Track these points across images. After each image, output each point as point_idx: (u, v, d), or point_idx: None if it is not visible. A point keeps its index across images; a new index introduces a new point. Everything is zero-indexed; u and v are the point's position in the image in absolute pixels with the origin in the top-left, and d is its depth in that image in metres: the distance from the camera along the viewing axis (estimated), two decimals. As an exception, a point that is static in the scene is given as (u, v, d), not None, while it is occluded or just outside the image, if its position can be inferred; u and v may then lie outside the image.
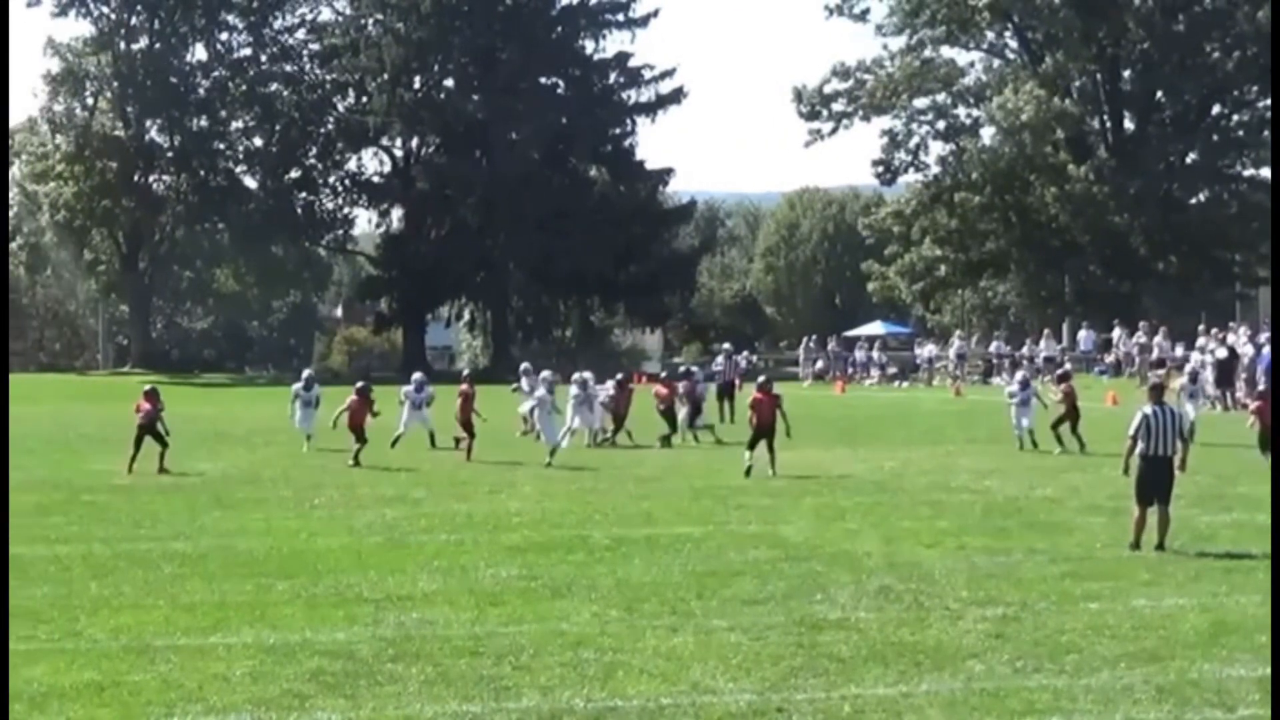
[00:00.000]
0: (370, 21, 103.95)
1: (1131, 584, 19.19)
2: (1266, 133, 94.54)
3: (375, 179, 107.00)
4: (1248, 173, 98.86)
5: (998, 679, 14.50)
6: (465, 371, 55.44)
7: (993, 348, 77.89)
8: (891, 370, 74.64)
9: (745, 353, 72.55)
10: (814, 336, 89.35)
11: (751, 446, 31.80)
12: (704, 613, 17.51)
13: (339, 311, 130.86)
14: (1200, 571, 20.00)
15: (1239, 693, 13.66)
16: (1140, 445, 22.07)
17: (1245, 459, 32.41)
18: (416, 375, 46.29)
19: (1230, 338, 57.69)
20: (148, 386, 35.31)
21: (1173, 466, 22.22)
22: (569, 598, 18.69)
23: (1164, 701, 13.39)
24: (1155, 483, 21.87)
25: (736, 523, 25.46)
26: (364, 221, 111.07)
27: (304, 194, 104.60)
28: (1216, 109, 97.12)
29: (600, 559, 21.64)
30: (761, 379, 36.04)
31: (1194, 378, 38.20)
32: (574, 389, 43.42)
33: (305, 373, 47.74)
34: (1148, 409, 22.27)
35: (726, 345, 61.23)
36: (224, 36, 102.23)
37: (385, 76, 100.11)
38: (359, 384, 38.49)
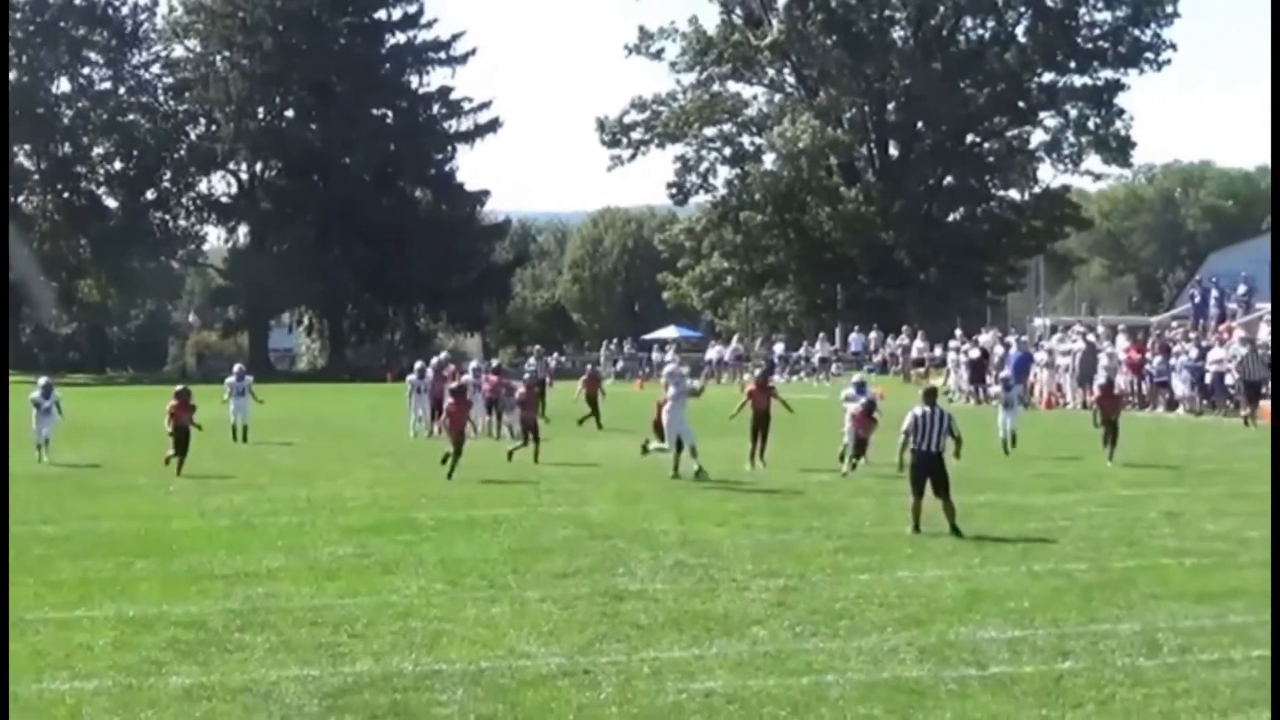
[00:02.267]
0: (219, 58, 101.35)
1: (896, 558, 19.11)
2: (1015, 158, 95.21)
3: (223, 199, 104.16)
4: (998, 194, 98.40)
5: (779, 642, 14.42)
6: (495, 363, 51.59)
7: (778, 349, 77.24)
8: (611, 370, 73.82)
9: (555, 354, 71.59)
10: (615, 340, 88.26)
11: (753, 437, 30.40)
12: (519, 585, 17.31)
13: (191, 318, 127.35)
14: (957, 546, 20.00)
15: (991, 652, 13.72)
16: (911, 442, 21.58)
17: (993, 446, 32.04)
18: (238, 366, 45.60)
19: (982, 339, 57.68)
20: (179, 388, 33.05)
21: (943, 461, 21.66)
22: (398, 573, 18.40)
23: (926, 661, 13.39)
24: (926, 475, 21.37)
25: (547, 505, 25.10)
26: (214, 237, 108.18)
27: (159, 213, 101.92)
28: (970, 137, 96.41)
29: (426, 538, 21.32)
30: (758, 371, 35.28)
31: (1007, 385, 35.98)
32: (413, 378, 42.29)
33: (236, 366, 46.11)
34: (919, 410, 21.73)
35: (539, 347, 60.55)
36: (86, 71, 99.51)
37: (232, 107, 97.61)
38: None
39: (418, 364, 44.89)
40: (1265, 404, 41.69)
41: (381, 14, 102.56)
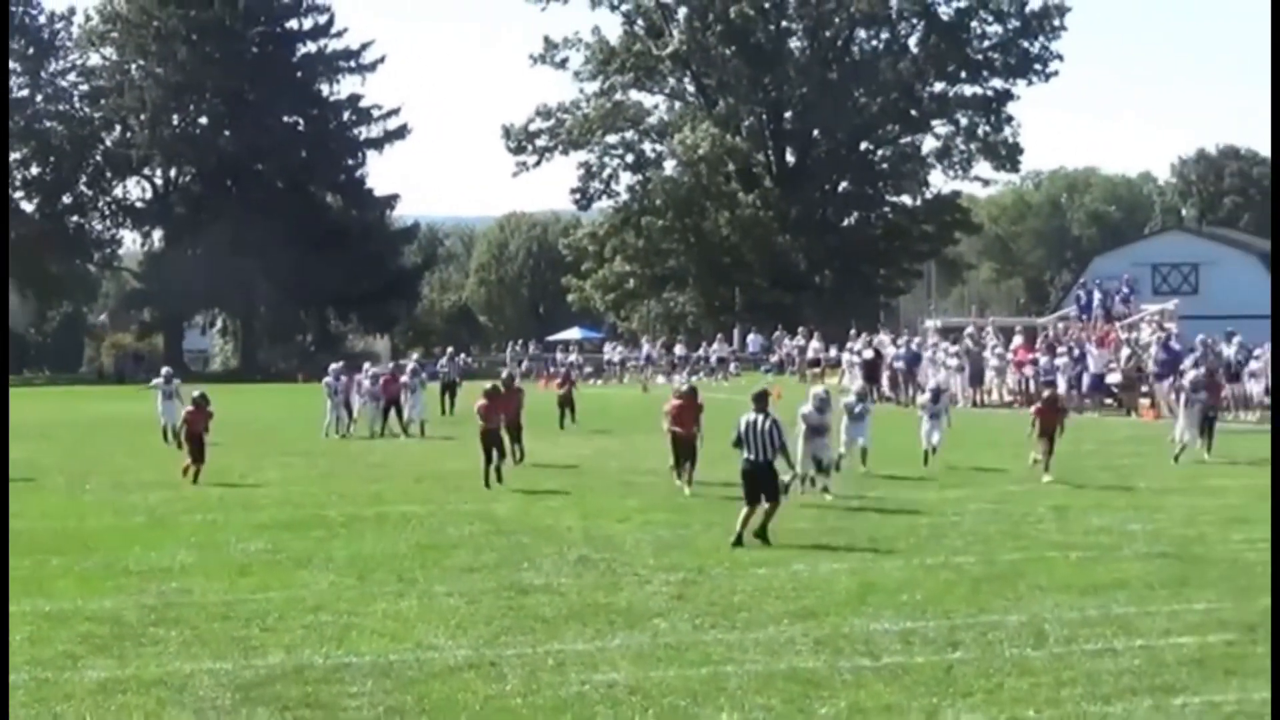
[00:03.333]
0: (134, 66, 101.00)
1: (792, 552, 19.19)
2: (907, 165, 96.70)
3: (139, 204, 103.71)
4: (891, 199, 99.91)
5: (679, 634, 14.53)
6: (393, 366, 51.86)
7: (678, 350, 77.38)
8: (588, 369, 74.02)
9: (462, 355, 71.36)
10: (520, 341, 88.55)
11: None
12: (426, 580, 17.39)
13: (106, 319, 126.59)
14: (852, 542, 20.15)
15: (884, 643, 13.86)
16: (743, 452, 20.33)
17: (897, 444, 32.02)
18: (165, 369, 44.78)
19: (876, 340, 58.08)
20: (196, 393, 31.47)
21: (773, 470, 20.40)
22: (309, 568, 18.45)
23: (821, 652, 13.51)
24: (759, 485, 20.16)
25: (454, 502, 25.20)
26: (129, 241, 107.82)
27: (75, 217, 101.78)
28: (864, 145, 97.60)
29: (336, 534, 21.37)
30: (684, 386, 30.34)
31: (936, 396, 33.33)
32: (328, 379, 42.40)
33: (164, 370, 45.31)
34: (748, 417, 20.42)
35: (450, 349, 60.47)
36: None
37: (147, 114, 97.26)
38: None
39: (332, 366, 44.84)
40: (1145, 400, 42.61)
41: (293, 23, 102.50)
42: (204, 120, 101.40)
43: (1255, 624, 14.47)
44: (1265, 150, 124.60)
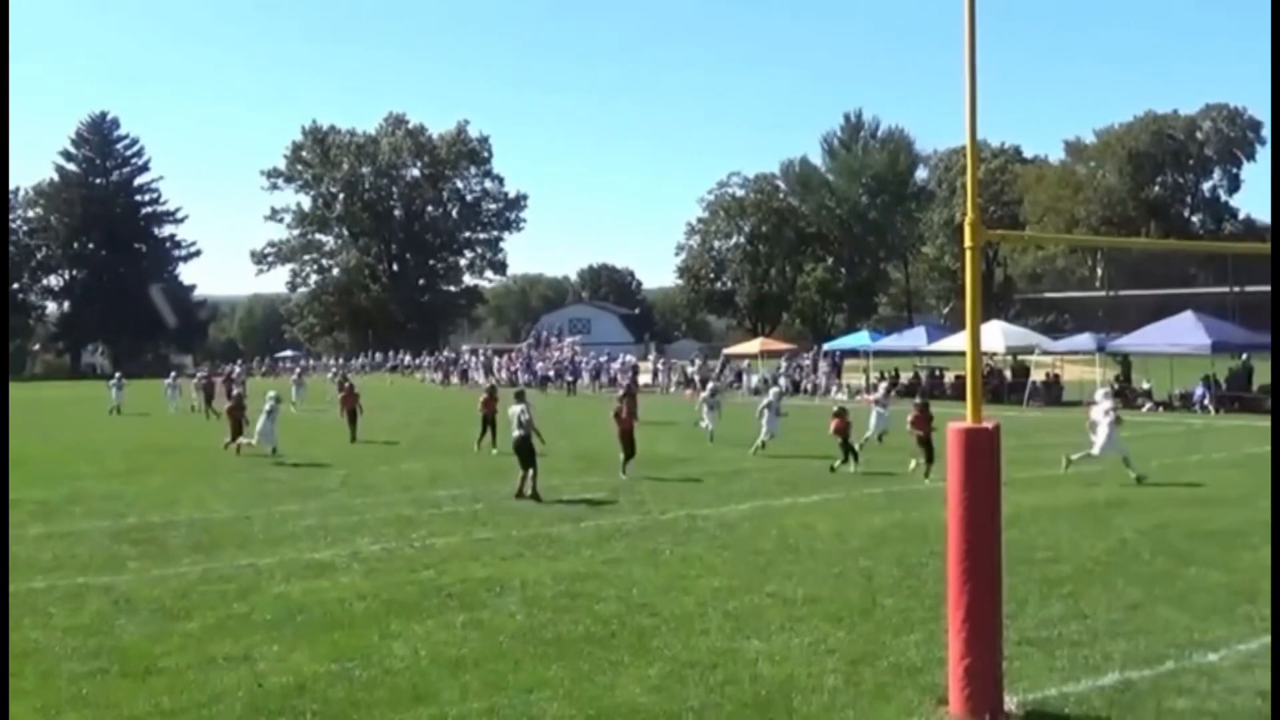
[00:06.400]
0: (52, 218, 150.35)
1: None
2: (453, 271, 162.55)
3: (56, 288, 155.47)
4: (445, 288, 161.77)
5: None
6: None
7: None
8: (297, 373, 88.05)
9: (235, 367, 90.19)
10: (258, 358, 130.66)
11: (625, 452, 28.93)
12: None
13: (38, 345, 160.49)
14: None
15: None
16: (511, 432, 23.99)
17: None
18: (117, 373, 53.49)
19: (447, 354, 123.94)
20: (346, 384, 40.00)
21: (530, 443, 24.56)
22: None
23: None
24: (517, 455, 24.44)
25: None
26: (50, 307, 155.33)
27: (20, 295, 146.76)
28: (431, 261, 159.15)
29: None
30: (622, 393, 33.18)
31: (714, 393, 39.03)
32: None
33: (117, 374, 56.08)
34: (514, 407, 24.94)
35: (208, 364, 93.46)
36: None
37: (60, 244, 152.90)
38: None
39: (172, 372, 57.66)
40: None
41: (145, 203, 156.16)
42: (91, 246, 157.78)
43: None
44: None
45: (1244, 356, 55.88)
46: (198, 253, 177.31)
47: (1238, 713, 10.61)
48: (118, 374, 58.78)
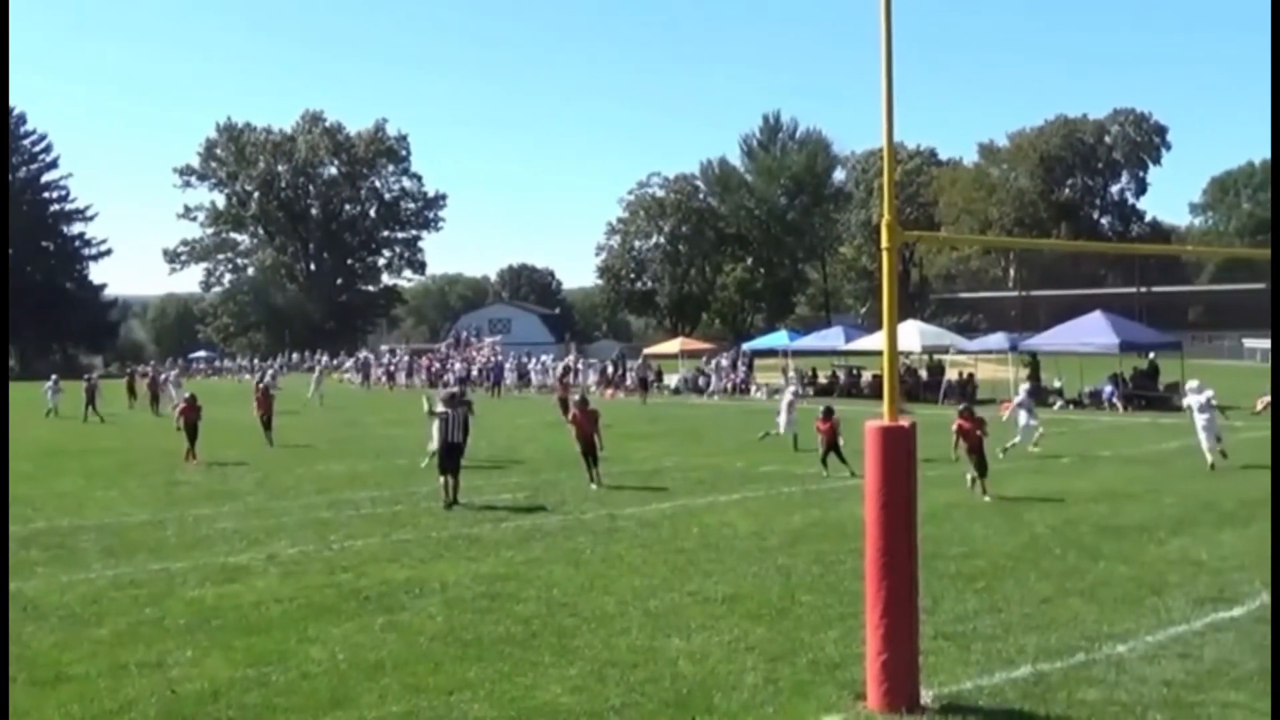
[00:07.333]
0: None
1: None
2: (371, 270, 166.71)
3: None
4: (364, 288, 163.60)
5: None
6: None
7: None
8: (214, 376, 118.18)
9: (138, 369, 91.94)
10: (173, 357, 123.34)
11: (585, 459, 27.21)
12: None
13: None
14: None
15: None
16: (441, 435, 23.85)
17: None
18: (54, 375, 53.65)
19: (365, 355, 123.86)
20: (188, 394, 36.79)
21: (461, 450, 24.37)
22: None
23: None
24: (449, 461, 23.88)
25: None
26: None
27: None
28: (350, 260, 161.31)
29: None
30: (577, 397, 30.12)
31: (796, 395, 40.00)
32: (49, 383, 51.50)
33: (54, 376, 56.16)
34: (441, 410, 24.25)
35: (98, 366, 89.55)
36: None
37: None
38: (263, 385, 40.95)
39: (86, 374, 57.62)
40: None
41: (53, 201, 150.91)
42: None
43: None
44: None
45: (1150, 355, 57.26)
46: (108, 251, 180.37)
47: (1145, 702, 10.82)
48: (54, 376, 58.49)
